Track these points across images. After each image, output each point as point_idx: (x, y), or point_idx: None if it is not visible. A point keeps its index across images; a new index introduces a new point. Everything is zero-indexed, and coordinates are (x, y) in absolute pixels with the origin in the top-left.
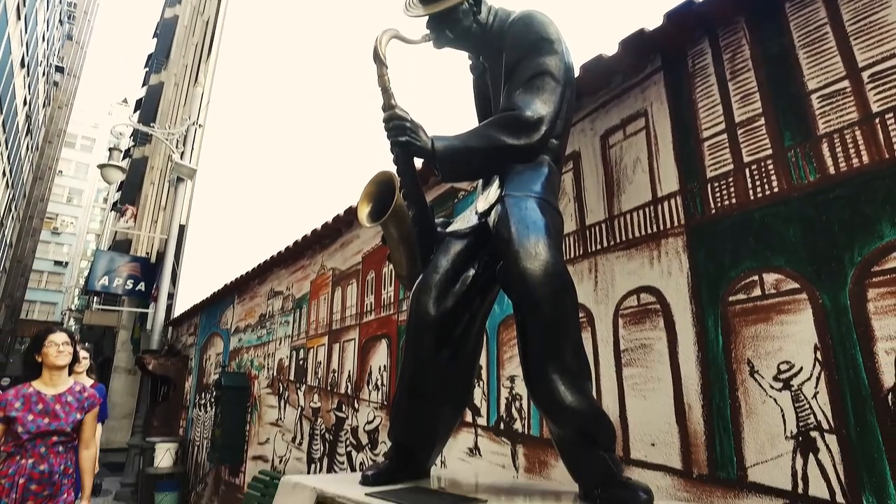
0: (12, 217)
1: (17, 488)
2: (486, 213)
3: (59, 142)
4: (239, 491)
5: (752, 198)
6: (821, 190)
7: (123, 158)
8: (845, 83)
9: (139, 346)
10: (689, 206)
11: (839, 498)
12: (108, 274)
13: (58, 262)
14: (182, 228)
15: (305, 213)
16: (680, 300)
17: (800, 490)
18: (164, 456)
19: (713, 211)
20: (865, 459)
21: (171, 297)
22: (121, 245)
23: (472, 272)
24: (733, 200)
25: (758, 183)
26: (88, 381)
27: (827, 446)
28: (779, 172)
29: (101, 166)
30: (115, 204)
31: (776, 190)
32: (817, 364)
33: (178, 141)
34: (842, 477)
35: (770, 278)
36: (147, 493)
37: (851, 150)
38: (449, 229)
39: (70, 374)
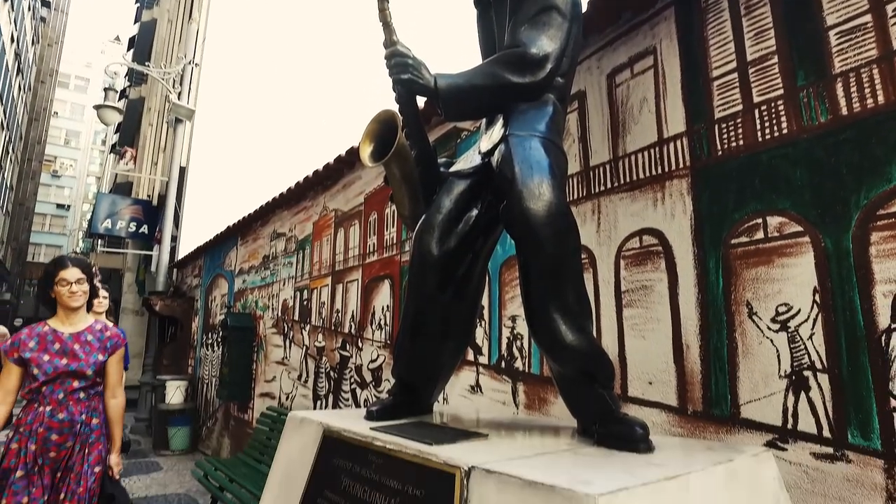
0: (11, 159)
1: (37, 438)
2: (490, 152)
3: (52, 82)
4: (248, 426)
5: (759, 139)
6: (831, 131)
7: (119, 99)
8: (867, 17)
9: (144, 288)
10: (696, 147)
11: (826, 433)
12: (111, 217)
13: (60, 206)
14: (183, 170)
15: (307, 154)
16: (682, 242)
17: (789, 426)
18: (174, 393)
19: (719, 153)
20: (854, 397)
21: (174, 239)
22: (122, 188)
23: (475, 212)
24: (741, 142)
25: (767, 124)
26: (110, 322)
27: (819, 385)
28: (789, 113)
29: (98, 107)
30: (113, 146)
31: (785, 131)
32: (815, 306)
33: (174, 81)
34: (830, 414)
35: (774, 221)
36: (161, 427)
37: (867, 90)
38: (452, 169)
39: (89, 311)
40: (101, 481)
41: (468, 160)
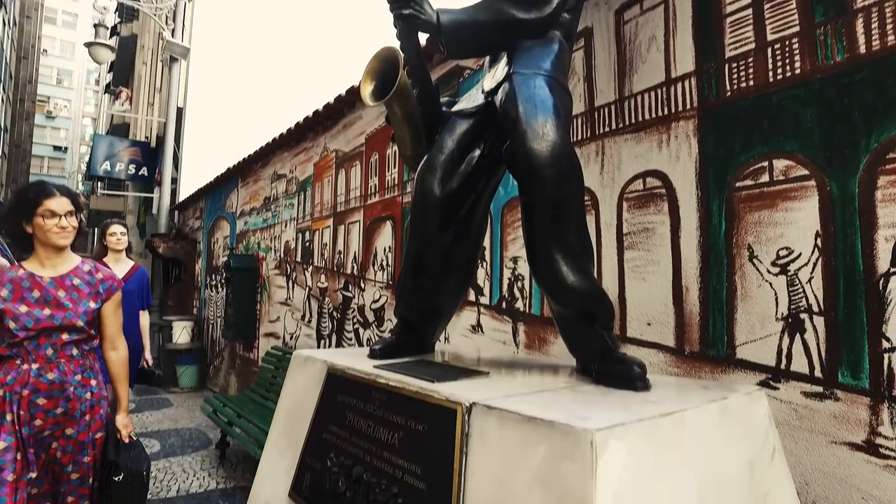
0: (3, 99)
1: (21, 402)
2: (493, 91)
3: (39, 17)
4: (253, 365)
5: (771, 80)
6: (846, 71)
7: (111, 37)
8: None
9: (146, 231)
10: (704, 87)
11: (817, 373)
12: (110, 159)
13: (57, 148)
14: (180, 111)
15: (306, 94)
16: (686, 185)
17: (783, 366)
18: (181, 333)
19: (728, 93)
20: (848, 339)
21: (174, 181)
22: (119, 129)
23: (477, 152)
24: (751, 82)
25: (779, 63)
26: (128, 264)
27: (814, 327)
28: (803, 52)
29: (89, 45)
30: (107, 86)
31: (798, 71)
32: (816, 250)
33: (167, 17)
34: (823, 355)
35: (780, 164)
36: (169, 366)
37: (889, 26)
38: (454, 109)
39: (105, 254)
40: (102, 448)
41: (471, 99)
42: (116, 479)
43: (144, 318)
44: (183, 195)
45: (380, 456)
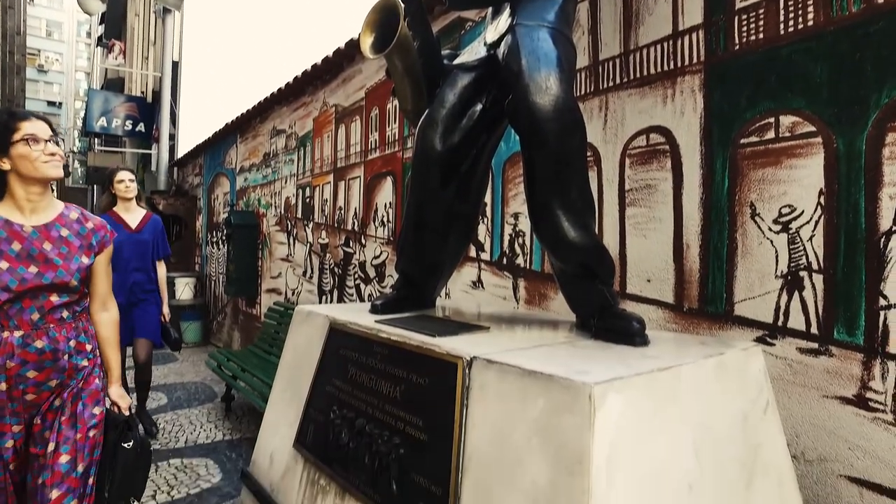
0: None
1: (6, 375)
2: (496, 43)
3: None
4: (256, 320)
5: (781, 32)
6: (862, 23)
7: None
8: None
9: (145, 187)
10: (712, 41)
11: (813, 330)
12: (106, 115)
13: (51, 103)
14: (175, 65)
15: (305, 47)
16: (690, 141)
17: (780, 323)
18: (183, 289)
19: (737, 47)
20: (845, 297)
21: (172, 137)
22: (113, 84)
23: (479, 106)
24: (760, 35)
25: (791, 15)
26: (141, 213)
27: (813, 285)
28: (817, 3)
29: None
30: (100, 39)
31: (811, 23)
32: (819, 208)
33: None
34: (820, 312)
35: (787, 121)
36: (173, 322)
37: None
38: (456, 62)
39: (114, 204)
40: (103, 425)
41: (473, 52)
42: (126, 445)
43: (162, 270)
44: (182, 151)
45: (382, 409)
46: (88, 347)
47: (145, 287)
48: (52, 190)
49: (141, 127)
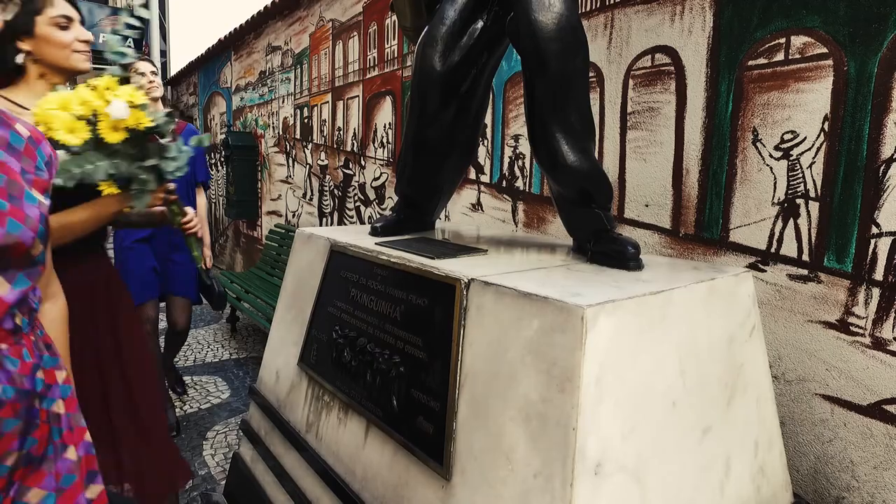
0: None
1: None
2: None
3: None
4: (258, 243)
5: None
6: None
7: None
8: None
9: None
10: None
11: (805, 257)
12: (91, 28)
13: None
14: None
15: None
16: (696, 62)
17: (773, 250)
18: None
19: None
20: (839, 224)
21: (163, 54)
22: None
23: (480, 24)
24: None
25: None
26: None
27: (808, 212)
28: None
29: None
30: None
31: None
32: (822, 134)
33: None
34: (813, 239)
35: (798, 41)
36: None
37: None
38: None
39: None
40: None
41: None
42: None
43: (201, 199)
44: (174, 69)
45: (382, 328)
46: (59, 375)
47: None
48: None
49: (130, 42)
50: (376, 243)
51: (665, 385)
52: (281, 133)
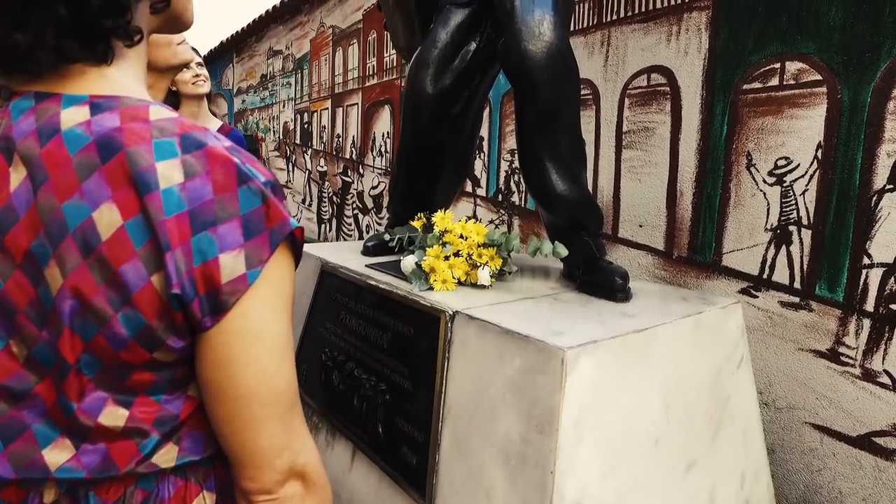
0: None
1: None
2: None
3: None
4: None
5: None
6: None
7: None
8: None
9: None
10: None
11: (796, 284)
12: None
13: None
14: None
15: None
16: (692, 84)
17: (765, 276)
18: None
19: None
20: (831, 253)
21: None
22: None
23: (473, 45)
24: None
25: None
26: (214, 124)
27: (801, 240)
28: None
29: None
30: None
31: None
32: (815, 162)
33: None
34: (805, 267)
35: (792, 67)
36: None
37: None
38: None
39: (177, 108)
40: None
41: None
42: None
43: None
44: None
45: (370, 354)
46: None
47: None
48: None
49: None
50: (366, 265)
51: (648, 422)
52: (281, 137)
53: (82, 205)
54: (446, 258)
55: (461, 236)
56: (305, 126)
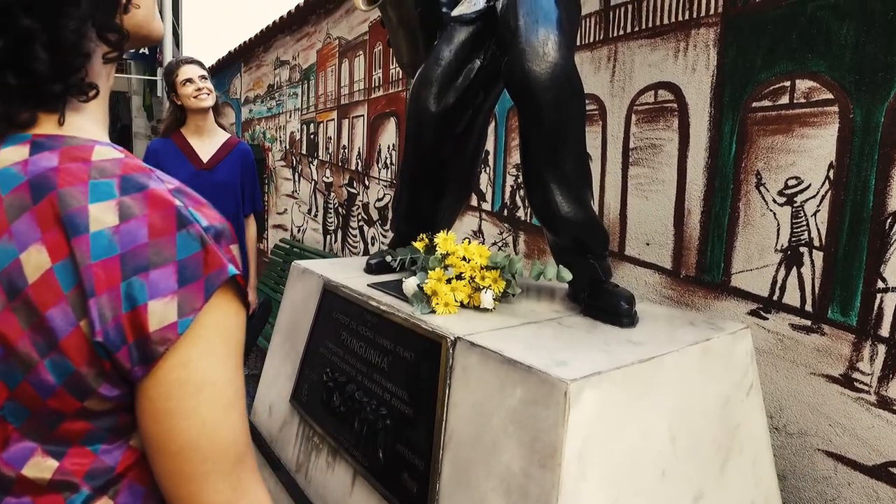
0: None
1: None
2: None
3: None
4: (264, 255)
5: None
6: None
7: None
8: None
9: (153, 114)
10: None
11: (808, 307)
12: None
13: None
14: None
15: None
16: (700, 101)
17: (775, 298)
18: None
19: None
20: (843, 276)
21: None
22: None
23: (477, 63)
24: None
25: None
26: (220, 137)
27: (812, 262)
28: None
29: None
30: None
31: None
32: (827, 182)
33: None
34: (817, 290)
35: (803, 85)
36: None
37: None
38: (455, 12)
39: (182, 123)
40: None
41: (472, 2)
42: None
43: (251, 230)
44: None
45: (371, 377)
46: None
47: None
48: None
49: (145, 50)
50: (368, 284)
51: (654, 453)
52: (288, 147)
53: (10, 246)
54: (448, 281)
55: (464, 258)
56: (311, 137)
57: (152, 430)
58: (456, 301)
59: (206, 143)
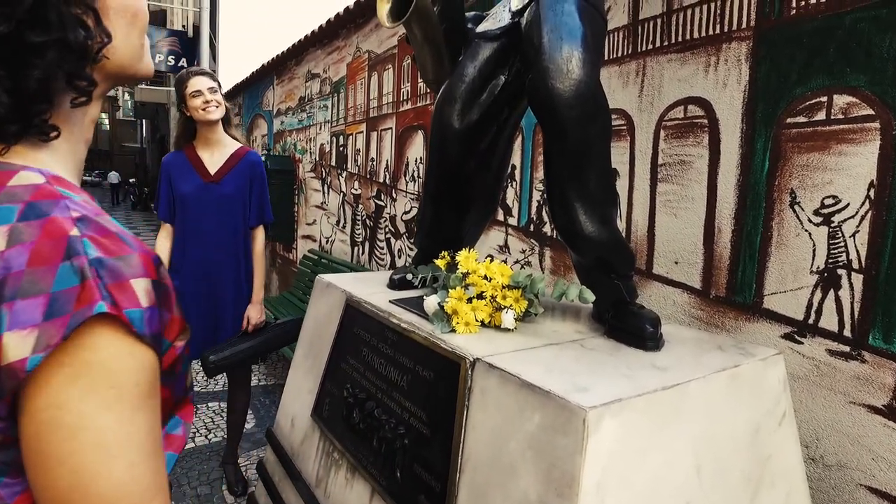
0: None
1: None
2: (520, 11)
3: None
4: (293, 265)
5: None
6: None
7: None
8: None
9: None
10: (765, 3)
11: (846, 332)
12: (149, 50)
13: None
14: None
15: None
16: (731, 117)
17: (810, 321)
18: None
19: (793, 11)
20: (886, 301)
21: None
22: (155, 17)
23: (501, 79)
24: None
25: None
26: (229, 147)
27: (851, 285)
28: None
29: None
30: None
31: None
32: (867, 202)
33: None
34: (856, 314)
35: (841, 101)
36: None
37: None
38: (479, 28)
39: (193, 136)
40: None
41: (497, 18)
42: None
43: (259, 242)
44: (222, 90)
45: (390, 395)
46: None
47: (227, 274)
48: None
49: (183, 62)
50: (390, 300)
51: (678, 484)
52: (317, 159)
53: None
54: (469, 300)
55: (485, 277)
56: (341, 149)
57: (30, 475)
58: (477, 321)
59: (216, 154)
